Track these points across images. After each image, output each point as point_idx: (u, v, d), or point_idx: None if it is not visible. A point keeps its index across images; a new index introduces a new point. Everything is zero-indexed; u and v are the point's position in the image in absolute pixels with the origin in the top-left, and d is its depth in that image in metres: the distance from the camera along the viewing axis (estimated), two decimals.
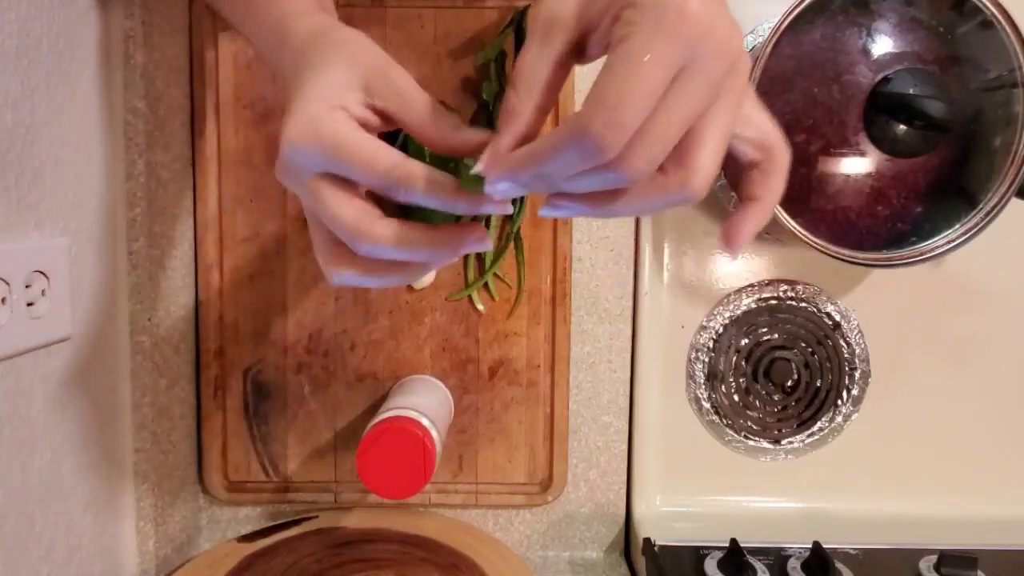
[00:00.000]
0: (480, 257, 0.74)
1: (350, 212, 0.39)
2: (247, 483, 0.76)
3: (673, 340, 0.77)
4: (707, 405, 0.78)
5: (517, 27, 0.71)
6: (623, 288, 0.77)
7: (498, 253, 0.74)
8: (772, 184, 0.41)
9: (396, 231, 0.40)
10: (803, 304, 0.77)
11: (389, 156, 0.38)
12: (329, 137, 0.38)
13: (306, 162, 0.39)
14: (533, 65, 0.36)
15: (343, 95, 0.39)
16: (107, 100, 0.67)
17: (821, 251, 0.63)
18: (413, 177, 0.38)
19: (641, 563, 0.72)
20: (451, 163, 0.60)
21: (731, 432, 0.78)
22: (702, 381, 0.77)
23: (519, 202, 0.73)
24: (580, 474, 0.78)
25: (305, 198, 0.40)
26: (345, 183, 0.40)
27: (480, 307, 0.75)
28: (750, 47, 0.73)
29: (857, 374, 0.78)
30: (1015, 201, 0.62)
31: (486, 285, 0.75)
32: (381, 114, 0.41)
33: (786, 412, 0.78)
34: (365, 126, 0.40)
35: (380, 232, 0.39)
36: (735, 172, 0.72)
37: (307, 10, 0.47)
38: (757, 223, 0.40)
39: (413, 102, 0.40)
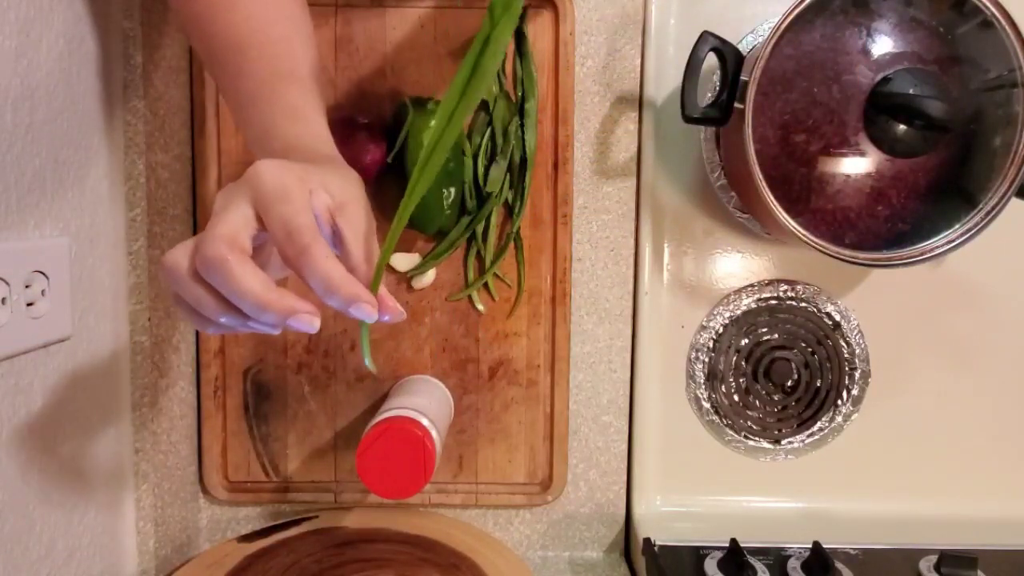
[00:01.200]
0: (480, 257, 0.74)
1: (245, 235, 0.40)
2: (247, 483, 0.76)
3: (673, 340, 0.77)
4: (707, 405, 0.78)
5: (517, 28, 0.71)
6: (623, 288, 0.77)
7: (498, 253, 0.74)
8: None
9: (253, 273, 0.39)
10: (803, 304, 0.77)
11: (311, 231, 0.40)
12: (287, 188, 0.40)
13: (255, 192, 0.41)
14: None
15: (319, 191, 0.43)
16: (107, 100, 0.67)
17: (821, 251, 0.63)
18: (311, 255, 0.40)
19: (641, 563, 0.72)
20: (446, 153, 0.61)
21: (731, 432, 0.78)
22: (702, 381, 0.77)
23: (519, 201, 0.73)
24: (580, 474, 0.78)
25: (225, 210, 0.41)
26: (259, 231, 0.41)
27: (480, 307, 0.75)
28: (750, 47, 0.73)
29: (857, 374, 0.78)
30: (1015, 201, 0.62)
31: (486, 285, 0.75)
32: (334, 227, 0.43)
33: (786, 412, 0.78)
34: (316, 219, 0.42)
35: (241, 265, 0.39)
36: (735, 173, 0.72)
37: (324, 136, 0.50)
38: None
39: (361, 247, 0.43)
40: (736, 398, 0.78)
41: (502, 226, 0.74)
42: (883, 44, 0.63)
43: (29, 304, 0.56)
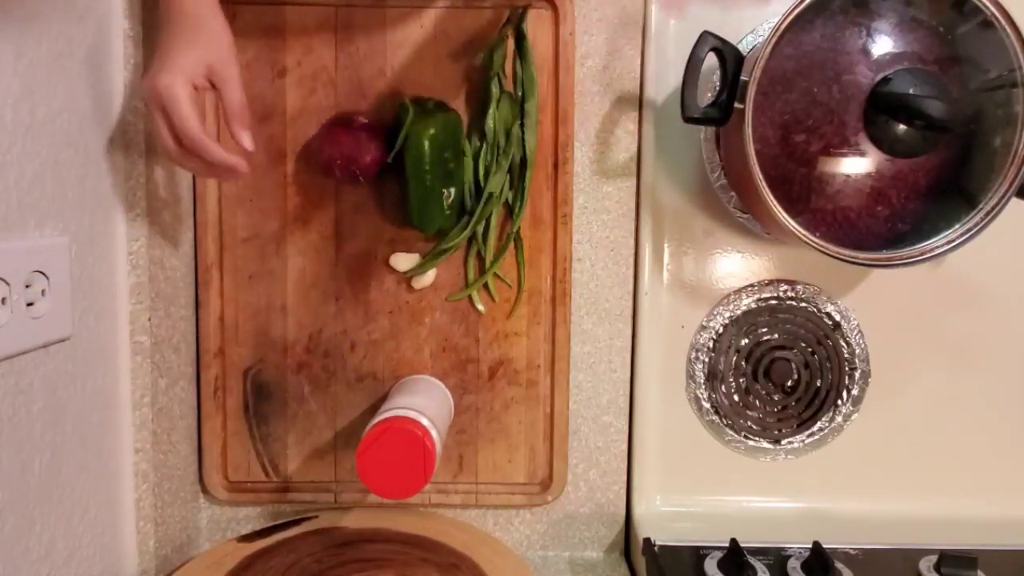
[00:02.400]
0: (480, 257, 0.74)
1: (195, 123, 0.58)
2: (247, 483, 0.76)
3: (673, 340, 0.77)
4: (707, 405, 0.78)
5: (517, 27, 0.71)
6: (623, 288, 0.77)
7: (498, 253, 0.74)
8: None
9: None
10: (803, 304, 0.77)
11: (196, 131, 0.58)
12: (175, 99, 0.57)
13: (157, 107, 0.58)
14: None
15: (195, 70, 0.58)
16: (107, 100, 0.67)
17: (821, 251, 0.63)
18: (203, 147, 0.58)
19: (641, 563, 0.72)
20: (446, 153, 0.64)
21: (731, 432, 0.78)
22: (702, 381, 0.77)
23: (519, 201, 0.73)
24: (580, 474, 0.78)
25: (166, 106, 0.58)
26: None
27: (480, 307, 0.75)
28: (750, 47, 0.73)
29: (857, 374, 0.78)
30: (1015, 201, 0.62)
31: (486, 285, 0.75)
32: (214, 86, 0.60)
33: (786, 412, 0.78)
34: (199, 87, 0.59)
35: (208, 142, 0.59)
36: (735, 173, 0.72)
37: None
38: None
39: (236, 90, 0.60)
40: (736, 398, 0.78)
41: (502, 226, 0.74)
42: (883, 44, 0.63)
43: (29, 304, 0.56)
